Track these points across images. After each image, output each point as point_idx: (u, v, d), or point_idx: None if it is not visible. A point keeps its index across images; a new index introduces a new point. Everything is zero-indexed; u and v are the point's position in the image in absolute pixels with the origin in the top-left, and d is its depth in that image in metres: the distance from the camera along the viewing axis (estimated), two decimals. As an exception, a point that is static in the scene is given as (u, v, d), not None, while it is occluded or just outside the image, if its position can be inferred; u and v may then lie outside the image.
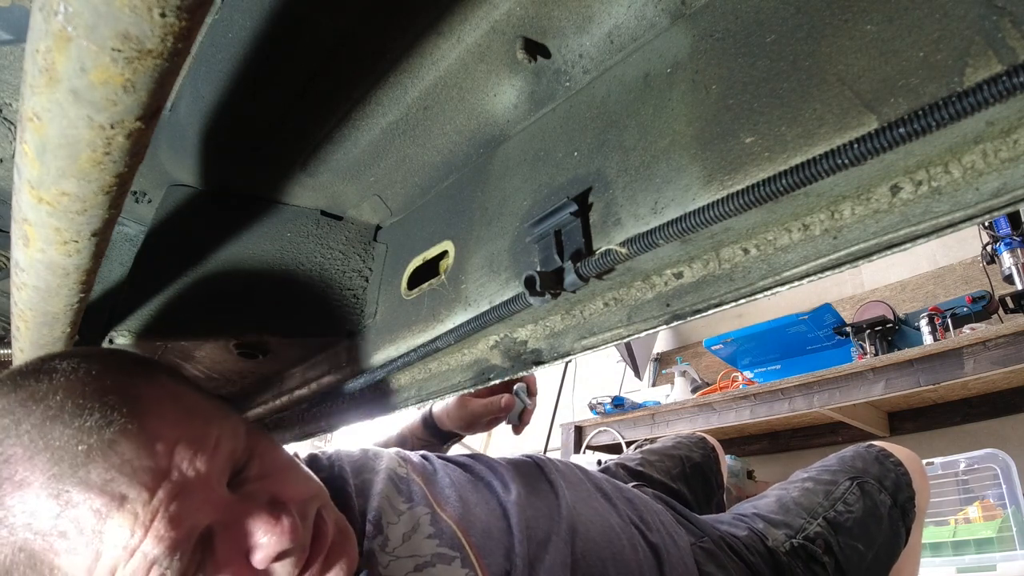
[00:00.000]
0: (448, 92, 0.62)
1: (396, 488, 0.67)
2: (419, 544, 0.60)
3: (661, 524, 0.81)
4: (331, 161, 0.71)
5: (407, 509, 0.64)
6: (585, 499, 0.78)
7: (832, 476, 1.00)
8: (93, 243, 0.45)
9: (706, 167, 0.46)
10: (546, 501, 0.73)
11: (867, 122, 0.38)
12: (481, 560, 0.60)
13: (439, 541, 0.60)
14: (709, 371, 2.73)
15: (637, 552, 0.72)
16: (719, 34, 0.48)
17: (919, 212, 0.40)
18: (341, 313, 0.77)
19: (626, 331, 0.58)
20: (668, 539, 0.78)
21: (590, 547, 0.68)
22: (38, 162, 0.36)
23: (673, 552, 0.76)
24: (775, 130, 0.42)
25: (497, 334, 0.65)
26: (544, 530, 0.67)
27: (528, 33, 0.56)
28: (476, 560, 0.60)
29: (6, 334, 0.89)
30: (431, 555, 0.59)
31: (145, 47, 0.28)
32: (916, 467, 1.05)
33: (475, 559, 0.60)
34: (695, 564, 0.77)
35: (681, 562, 0.75)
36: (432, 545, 0.60)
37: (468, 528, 0.63)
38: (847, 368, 1.82)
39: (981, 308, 1.84)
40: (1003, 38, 0.33)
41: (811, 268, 0.46)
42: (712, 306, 0.52)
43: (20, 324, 0.58)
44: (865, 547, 0.91)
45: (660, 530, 0.79)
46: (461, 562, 0.59)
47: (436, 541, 0.60)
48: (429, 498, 0.66)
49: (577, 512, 0.73)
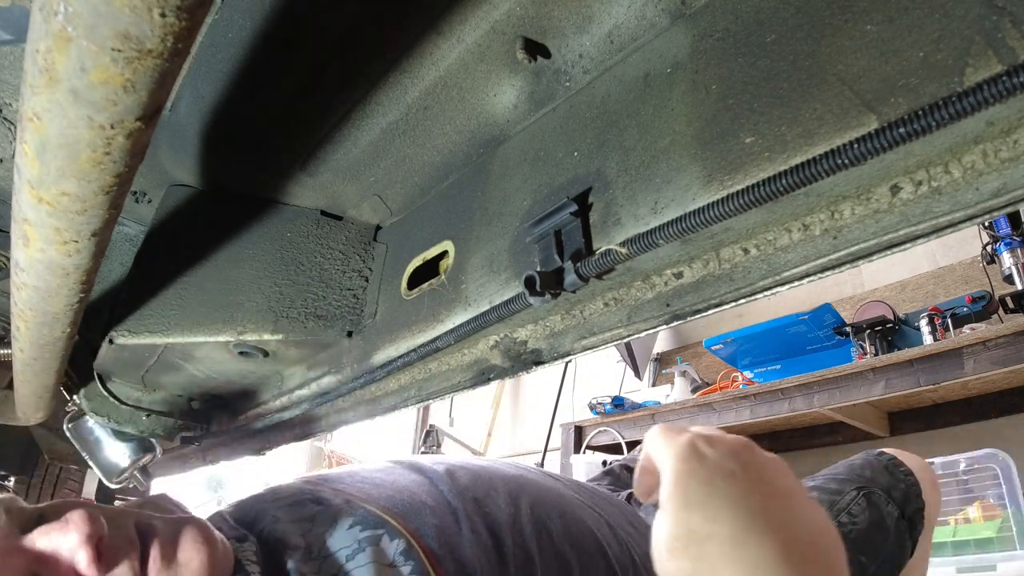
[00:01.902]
0: (448, 92, 0.62)
1: (297, 513, 0.66)
2: (341, 537, 0.59)
3: (630, 524, 0.79)
4: (331, 161, 0.71)
5: (316, 512, 0.63)
6: (538, 478, 0.77)
7: (839, 485, 0.99)
8: (93, 243, 0.45)
9: (706, 167, 0.46)
10: (486, 471, 0.72)
11: (867, 122, 0.38)
12: (408, 526, 0.60)
13: (361, 526, 0.60)
14: (709, 371, 2.73)
15: (600, 526, 0.71)
16: (719, 34, 0.48)
17: (919, 212, 0.40)
18: (341, 313, 0.77)
19: (626, 331, 0.58)
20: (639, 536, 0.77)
21: (538, 500, 0.68)
22: (38, 162, 0.36)
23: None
24: (775, 130, 0.42)
25: (497, 334, 0.65)
26: (483, 488, 0.67)
27: (528, 33, 0.56)
28: (403, 528, 0.59)
29: (6, 334, 0.89)
30: (357, 541, 0.58)
31: (145, 47, 0.28)
32: (927, 477, 1.04)
33: (401, 527, 0.59)
34: None
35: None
36: (356, 532, 0.59)
37: (388, 503, 0.63)
38: (847, 368, 1.82)
39: (981, 308, 1.84)
40: (1003, 38, 0.33)
41: (811, 268, 0.46)
42: (712, 306, 0.52)
43: (20, 324, 0.58)
44: (868, 559, 0.90)
45: (626, 528, 0.77)
46: (388, 536, 0.58)
47: (359, 528, 0.60)
48: (338, 492, 0.65)
49: (525, 478, 0.72)
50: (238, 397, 0.98)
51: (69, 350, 0.66)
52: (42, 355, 0.65)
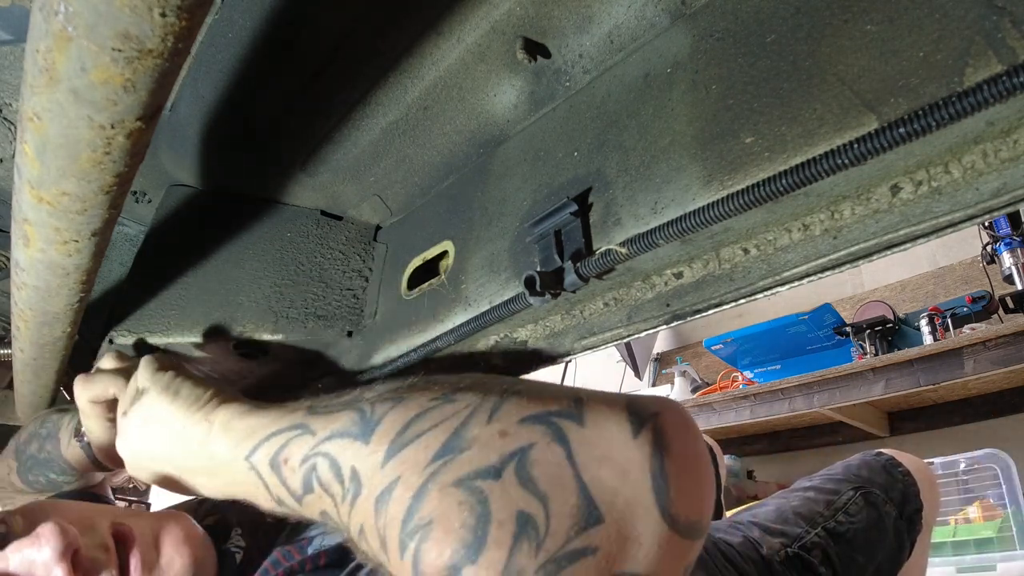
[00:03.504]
0: (448, 92, 0.62)
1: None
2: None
3: None
4: (331, 161, 0.71)
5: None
6: None
7: (836, 485, 0.99)
8: (93, 243, 0.45)
9: (706, 167, 0.46)
10: None
11: (867, 122, 0.38)
12: None
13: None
14: (709, 371, 2.73)
15: None
16: (719, 34, 0.48)
17: (919, 212, 0.40)
18: (341, 313, 0.77)
19: (626, 331, 0.58)
20: None
21: None
22: (38, 162, 0.36)
23: None
24: (775, 130, 0.42)
25: (497, 334, 0.65)
26: None
27: (528, 33, 0.56)
28: None
29: (6, 334, 0.89)
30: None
31: (145, 47, 0.28)
32: (926, 478, 1.04)
33: None
34: None
35: None
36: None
37: None
38: (847, 368, 1.82)
39: (981, 308, 1.84)
40: (1003, 38, 0.33)
41: (811, 268, 0.46)
42: (712, 306, 0.52)
43: (20, 324, 0.58)
44: (865, 558, 0.90)
45: None
46: None
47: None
48: None
49: None
50: (238, 397, 0.97)
51: (69, 350, 0.66)
52: (42, 355, 0.65)
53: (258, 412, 0.45)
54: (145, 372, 0.51)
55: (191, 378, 0.50)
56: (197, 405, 0.47)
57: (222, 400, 0.48)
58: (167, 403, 0.48)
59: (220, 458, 0.44)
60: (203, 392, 0.48)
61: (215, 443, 0.44)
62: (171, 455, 0.47)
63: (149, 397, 0.49)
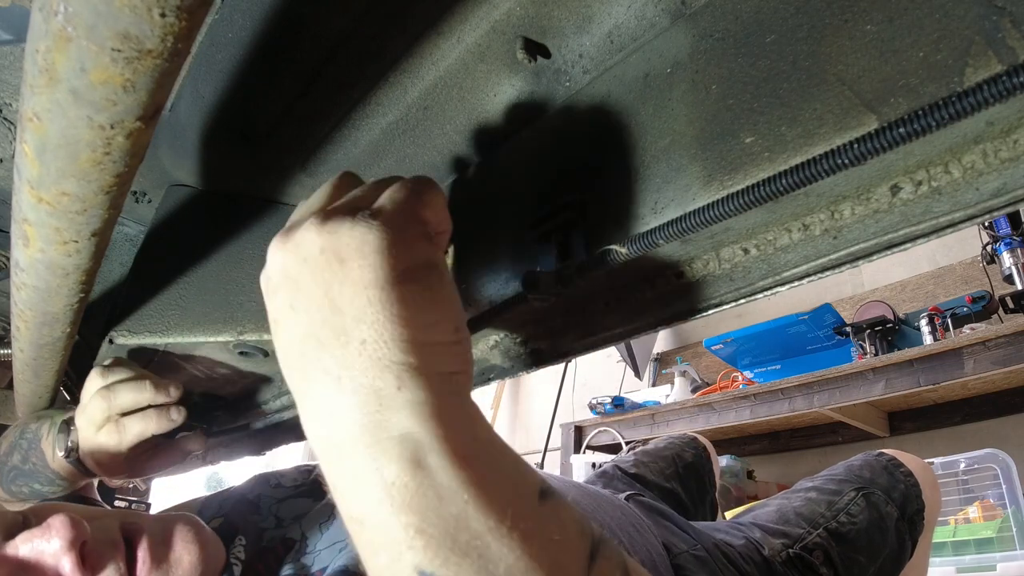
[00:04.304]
0: (448, 92, 0.62)
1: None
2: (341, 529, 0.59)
3: (632, 527, 0.79)
4: (331, 161, 0.71)
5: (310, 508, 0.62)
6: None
7: (837, 486, 0.99)
8: (93, 243, 0.45)
9: (706, 167, 0.46)
10: None
11: (867, 122, 0.38)
12: None
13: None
14: (709, 371, 2.73)
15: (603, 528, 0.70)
16: (719, 34, 0.48)
17: (919, 212, 0.40)
18: (341, 313, 0.77)
19: (626, 331, 0.58)
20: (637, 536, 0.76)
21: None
22: (38, 162, 0.36)
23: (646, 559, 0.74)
24: (775, 130, 0.42)
25: (497, 334, 0.65)
26: None
27: (528, 33, 0.56)
28: None
29: (6, 334, 0.90)
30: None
31: (145, 47, 0.28)
32: (927, 478, 1.03)
33: None
34: (671, 570, 0.75)
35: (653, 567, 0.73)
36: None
37: None
38: (847, 368, 1.82)
39: (981, 308, 1.84)
40: (1003, 38, 0.33)
41: (811, 268, 0.46)
42: (712, 306, 0.52)
43: (20, 324, 0.58)
44: (867, 559, 0.90)
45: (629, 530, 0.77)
46: None
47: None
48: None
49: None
50: (238, 397, 0.97)
51: (69, 350, 0.66)
52: (42, 355, 0.65)
53: None
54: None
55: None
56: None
57: None
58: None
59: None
60: None
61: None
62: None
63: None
